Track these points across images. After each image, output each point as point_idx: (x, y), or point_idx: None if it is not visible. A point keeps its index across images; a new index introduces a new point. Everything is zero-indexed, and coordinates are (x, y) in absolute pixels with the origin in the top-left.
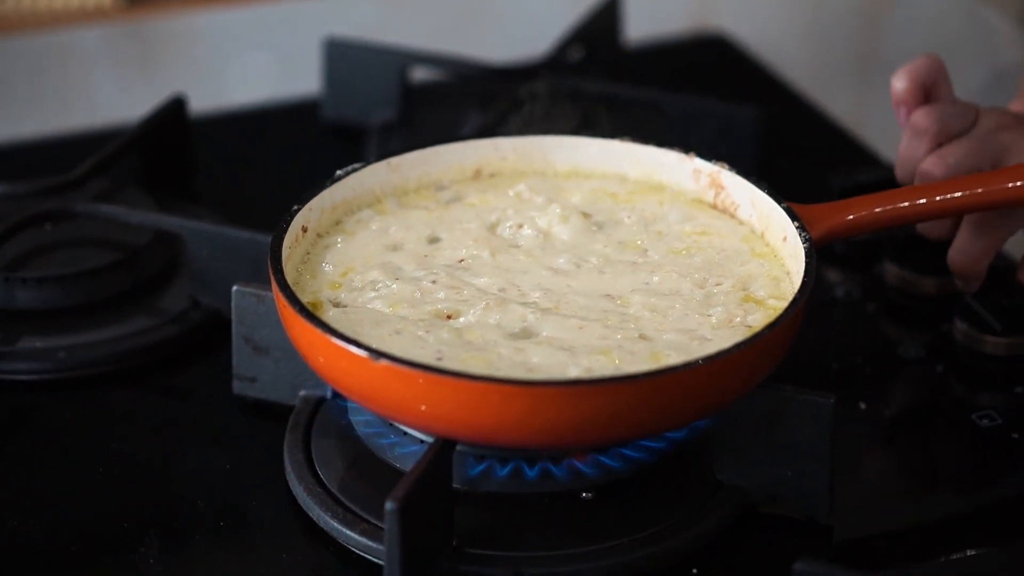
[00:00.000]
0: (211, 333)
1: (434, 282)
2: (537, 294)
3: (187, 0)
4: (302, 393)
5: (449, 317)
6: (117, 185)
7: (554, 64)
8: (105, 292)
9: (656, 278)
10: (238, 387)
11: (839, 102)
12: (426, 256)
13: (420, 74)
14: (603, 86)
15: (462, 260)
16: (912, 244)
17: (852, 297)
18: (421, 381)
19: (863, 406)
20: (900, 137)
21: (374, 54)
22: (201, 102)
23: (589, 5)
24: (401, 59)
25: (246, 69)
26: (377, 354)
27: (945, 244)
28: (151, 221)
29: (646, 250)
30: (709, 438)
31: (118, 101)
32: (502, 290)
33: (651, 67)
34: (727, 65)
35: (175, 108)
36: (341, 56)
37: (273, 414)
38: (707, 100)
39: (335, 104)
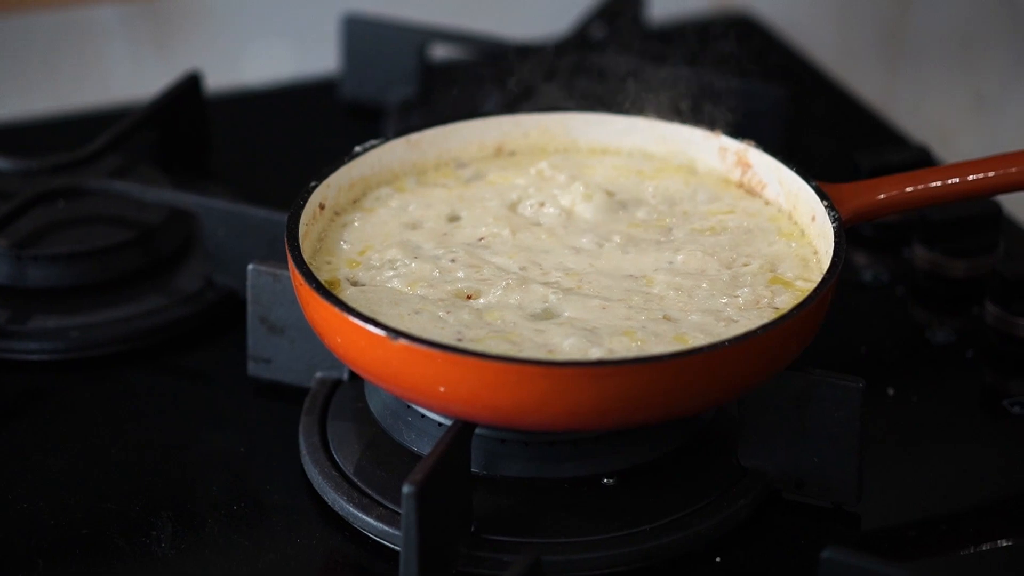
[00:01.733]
0: (226, 313)
1: (453, 261)
2: (559, 274)
3: None
4: (318, 375)
5: (469, 297)
6: (131, 162)
7: (576, 42)
8: (118, 270)
9: (681, 257)
10: (253, 368)
11: (867, 83)
12: (445, 235)
13: (440, 52)
14: (626, 63)
15: (482, 239)
16: (943, 226)
17: (880, 280)
18: (440, 361)
19: (891, 392)
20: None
21: (393, 31)
22: (217, 80)
23: None
24: (421, 36)
25: (263, 48)
26: (396, 333)
27: (975, 225)
28: (166, 198)
29: (671, 229)
30: (734, 423)
31: (133, 79)
32: (523, 269)
33: (675, 45)
34: (753, 45)
35: (190, 84)
36: (360, 33)
37: (288, 396)
38: (733, 79)
39: (354, 82)
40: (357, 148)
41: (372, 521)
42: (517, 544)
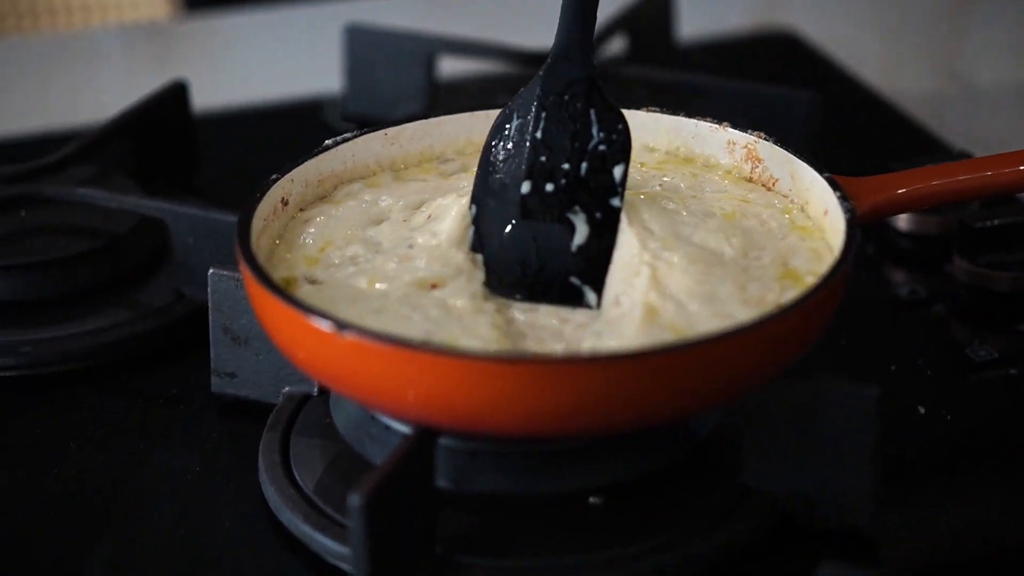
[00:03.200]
0: (195, 329)
1: (411, 247)
2: None
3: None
4: (286, 390)
5: (434, 286)
6: (104, 173)
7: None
8: (78, 283)
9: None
10: (216, 384)
11: (918, 104)
12: (405, 221)
13: (449, 68)
14: (643, 71)
15: (429, 216)
16: (985, 235)
17: (917, 296)
18: (390, 358)
19: (922, 410)
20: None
21: (398, 41)
22: (215, 99)
23: None
24: (428, 46)
25: (264, 67)
26: (343, 326)
27: (1020, 233)
28: (130, 205)
29: (682, 212)
30: (737, 436)
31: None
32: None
33: (705, 61)
34: (793, 60)
35: (175, 93)
36: (363, 44)
37: (254, 414)
38: (758, 85)
39: (358, 97)
40: (328, 141)
41: (327, 541)
42: (488, 568)
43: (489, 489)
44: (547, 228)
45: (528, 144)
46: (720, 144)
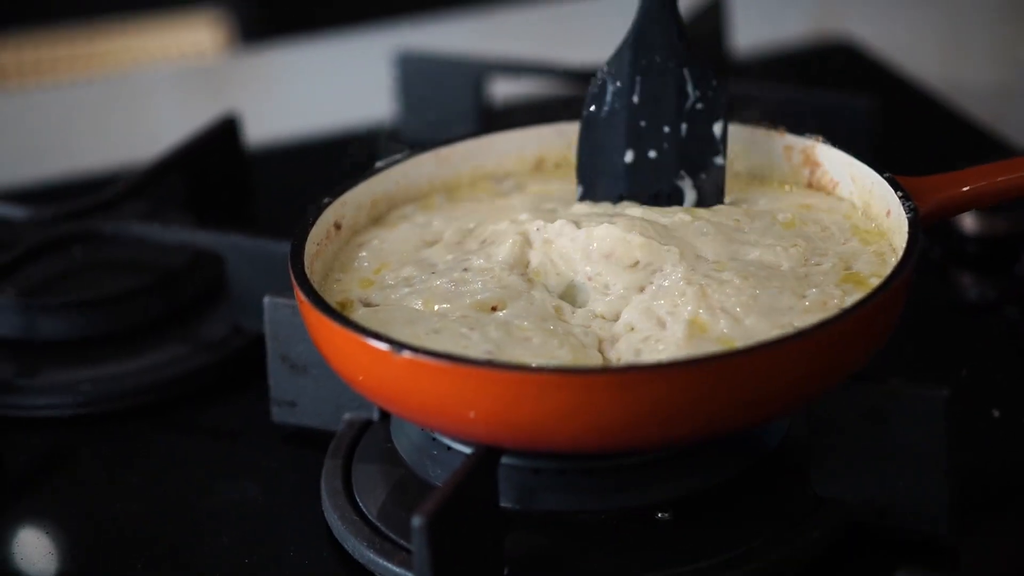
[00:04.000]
0: (253, 360)
1: (466, 270)
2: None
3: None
4: (346, 416)
5: (494, 308)
6: (157, 208)
7: None
8: (136, 319)
9: (756, 252)
10: (277, 414)
11: (980, 109)
12: (459, 243)
13: (503, 91)
14: None
15: (484, 240)
16: None
17: (987, 300)
18: (446, 375)
19: (996, 413)
20: None
21: (450, 65)
22: (268, 131)
23: (689, 8)
24: (478, 69)
25: (314, 98)
26: (399, 346)
27: None
28: (184, 238)
29: (740, 228)
30: (805, 446)
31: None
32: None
33: (764, 72)
34: (851, 68)
35: (226, 128)
36: (414, 70)
37: (316, 442)
38: (813, 91)
39: (411, 123)
40: (379, 163)
41: (393, 567)
42: None
43: (554, 507)
44: (653, 200)
45: (627, 110)
46: (776, 150)
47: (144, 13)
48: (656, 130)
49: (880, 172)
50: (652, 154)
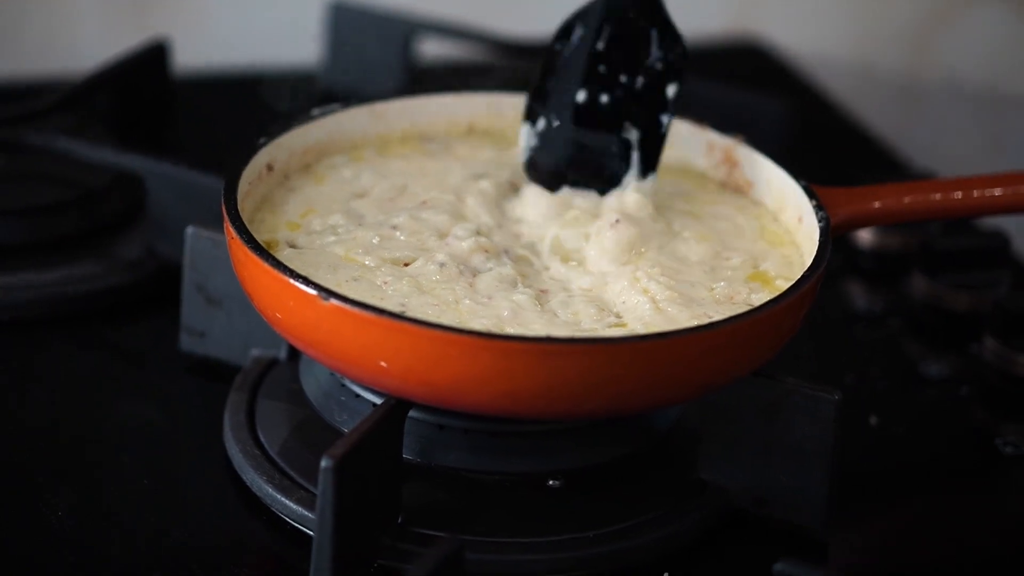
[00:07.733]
0: (165, 286)
1: (394, 228)
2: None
3: None
4: (254, 353)
5: (406, 264)
6: (84, 124)
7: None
8: (52, 232)
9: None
10: (186, 342)
11: (883, 121)
12: (391, 200)
13: (431, 50)
14: None
15: (424, 201)
16: (947, 256)
17: (874, 311)
18: (374, 328)
19: (873, 421)
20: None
21: (380, 20)
22: (195, 58)
23: None
24: (408, 26)
25: (247, 28)
26: (328, 293)
27: (980, 255)
28: (110, 159)
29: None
30: (695, 432)
31: (105, 49)
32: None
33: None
34: (762, 70)
35: (155, 53)
36: (345, 21)
37: (221, 374)
38: (730, 89)
39: (334, 71)
40: (315, 110)
41: (291, 504)
42: (449, 541)
43: (453, 464)
44: (597, 137)
45: (588, 53)
46: (699, 145)
47: None
48: (613, 77)
49: (796, 179)
50: (604, 98)
